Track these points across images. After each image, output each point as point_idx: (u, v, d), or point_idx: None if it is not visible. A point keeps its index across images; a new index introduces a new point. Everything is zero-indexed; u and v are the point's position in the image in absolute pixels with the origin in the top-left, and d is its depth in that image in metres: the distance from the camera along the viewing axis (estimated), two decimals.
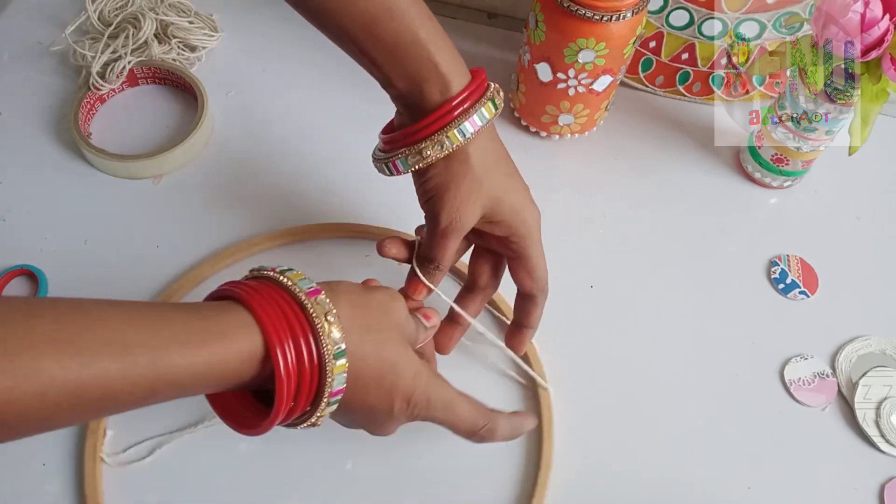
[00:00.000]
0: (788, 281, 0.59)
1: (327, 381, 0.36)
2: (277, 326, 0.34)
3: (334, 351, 0.36)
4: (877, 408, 0.54)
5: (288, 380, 0.34)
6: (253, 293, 0.35)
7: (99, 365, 0.31)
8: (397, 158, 0.44)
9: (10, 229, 0.56)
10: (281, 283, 0.36)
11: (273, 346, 0.34)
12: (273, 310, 0.35)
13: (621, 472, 0.51)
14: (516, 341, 0.50)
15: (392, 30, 0.42)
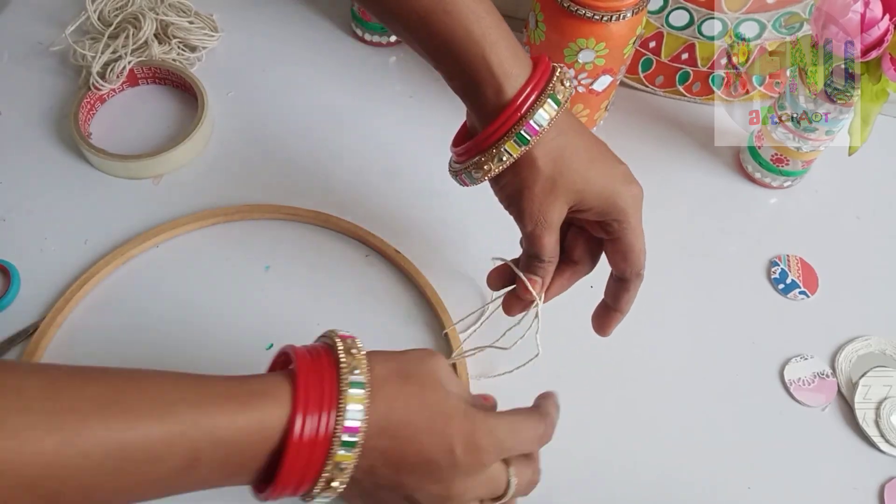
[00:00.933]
0: (788, 281, 0.59)
1: (340, 409, 0.33)
2: (314, 399, 0.33)
3: (351, 380, 0.33)
4: (877, 408, 0.54)
5: (298, 447, 0.32)
6: (308, 361, 0.34)
7: (142, 424, 0.30)
8: (464, 173, 0.44)
9: (11, 229, 0.56)
10: (336, 353, 0.35)
11: (294, 415, 0.33)
12: (316, 380, 0.34)
13: (621, 472, 0.51)
14: (604, 323, 0.48)
15: (445, 25, 0.41)
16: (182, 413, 0.31)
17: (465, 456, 0.36)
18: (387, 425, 0.35)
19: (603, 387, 0.54)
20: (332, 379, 0.34)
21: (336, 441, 0.33)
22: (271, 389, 0.33)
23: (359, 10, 0.66)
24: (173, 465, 0.31)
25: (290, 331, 0.53)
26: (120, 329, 0.52)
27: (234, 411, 0.32)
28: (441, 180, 0.61)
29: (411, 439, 0.35)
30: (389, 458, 0.35)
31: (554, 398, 0.43)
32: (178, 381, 0.33)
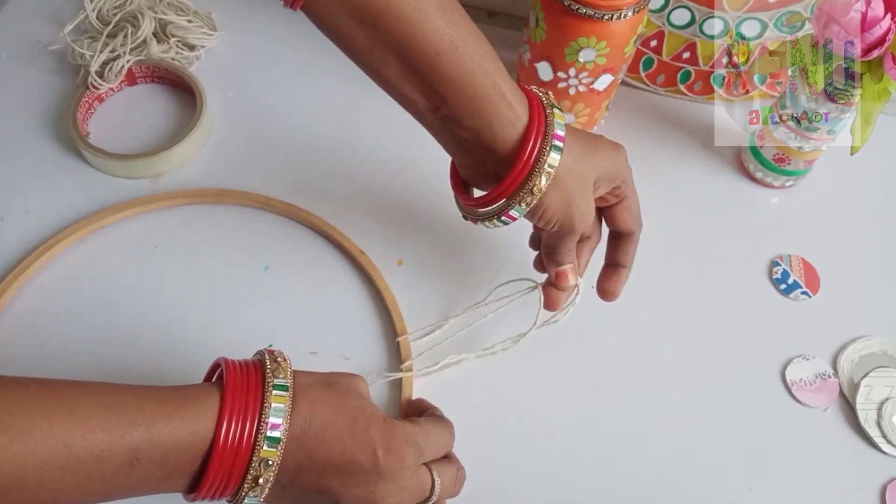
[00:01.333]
0: (790, 281, 0.59)
1: (264, 408, 0.35)
2: (239, 407, 0.35)
3: (275, 383, 0.36)
4: (878, 408, 0.53)
5: (223, 453, 0.34)
6: (236, 374, 0.36)
7: (84, 424, 0.32)
8: (511, 209, 0.44)
9: (9, 228, 0.56)
10: (264, 368, 0.37)
11: (221, 421, 0.34)
12: (242, 392, 0.36)
13: (622, 472, 0.50)
14: (613, 282, 0.51)
15: (458, 63, 0.41)
16: (121, 415, 0.33)
17: (387, 458, 0.38)
18: (310, 427, 0.36)
19: (603, 387, 0.53)
20: (257, 384, 0.36)
21: (261, 437, 0.35)
22: (202, 395, 0.35)
23: None
24: (115, 464, 0.33)
25: (288, 331, 0.53)
26: (120, 329, 0.52)
27: (168, 416, 0.34)
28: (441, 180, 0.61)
29: (334, 441, 0.37)
30: (314, 459, 0.36)
31: (432, 406, 0.48)
32: (116, 388, 0.35)
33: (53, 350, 0.51)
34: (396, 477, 0.38)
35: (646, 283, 0.58)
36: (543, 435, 0.51)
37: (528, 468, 0.50)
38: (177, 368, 0.51)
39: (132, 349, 0.51)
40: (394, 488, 0.38)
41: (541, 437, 0.51)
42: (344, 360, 0.53)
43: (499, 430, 0.51)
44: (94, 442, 0.32)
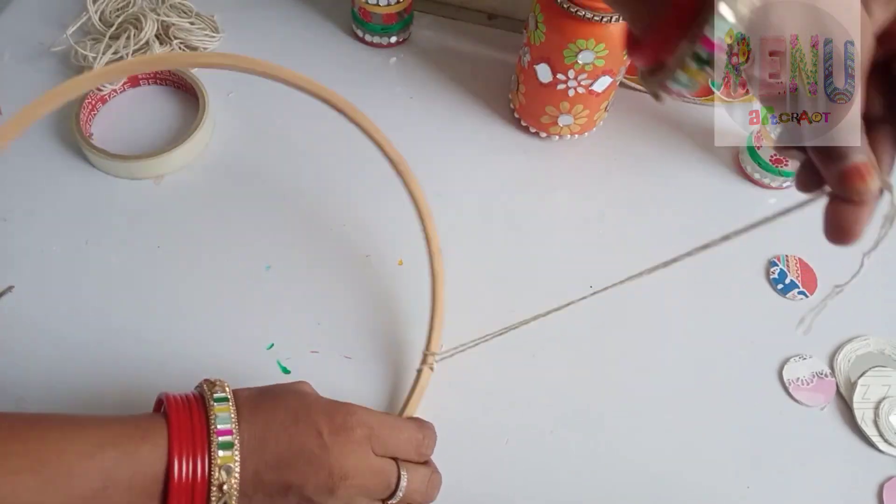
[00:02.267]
0: (787, 281, 0.59)
1: (210, 419, 0.37)
2: (186, 444, 0.36)
3: (215, 397, 0.38)
4: (875, 407, 0.54)
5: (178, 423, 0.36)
6: (179, 410, 0.38)
7: (55, 447, 0.34)
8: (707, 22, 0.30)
9: (12, 229, 0.56)
10: (206, 406, 0.38)
11: (172, 458, 0.36)
12: (186, 427, 0.37)
13: (620, 472, 0.51)
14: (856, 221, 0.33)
15: None
16: (89, 438, 0.35)
17: (332, 437, 0.39)
18: (255, 430, 0.38)
19: (602, 386, 0.54)
20: (199, 405, 0.38)
21: (213, 444, 0.36)
22: (152, 425, 0.37)
23: (359, 10, 0.67)
24: (88, 486, 0.34)
25: (290, 331, 0.54)
26: (119, 329, 0.53)
27: (130, 437, 0.36)
28: (441, 181, 0.62)
29: (281, 435, 0.38)
30: (267, 460, 0.37)
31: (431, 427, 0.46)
32: (78, 417, 0.37)
33: (52, 350, 0.51)
34: (347, 454, 0.39)
35: (644, 283, 0.58)
36: (543, 435, 0.52)
37: (528, 468, 0.50)
38: (177, 369, 0.51)
39: (132, 349, 0.52)
40: (350, 469, 0.39)
41: (541, 437, 0.52)
42: (345, 360, 0.53)
43: (499, 430, 0.51)
44: (67, 459, 0.34)
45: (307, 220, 0.59)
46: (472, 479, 0.50)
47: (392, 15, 0.66)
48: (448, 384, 0.52)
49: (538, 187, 0.63)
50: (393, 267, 0.58)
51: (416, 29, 0.70)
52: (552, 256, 0.59)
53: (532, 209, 0.61)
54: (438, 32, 0.71)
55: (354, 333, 0.54)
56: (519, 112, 0.64)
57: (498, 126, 0.66)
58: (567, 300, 0.57)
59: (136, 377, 0.50)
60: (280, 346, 0.53)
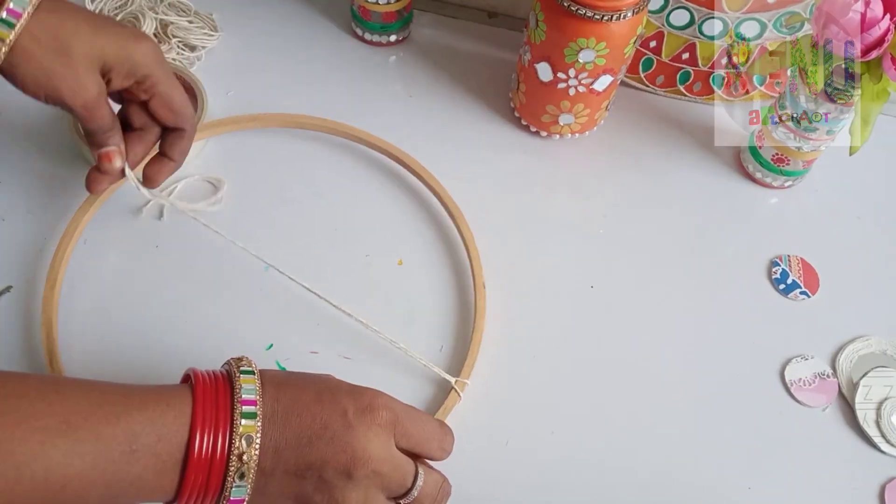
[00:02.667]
0: (789, 281, 0.59)
1: (235, 390, 0.37)
2: (208, 420, 0.36)
3: (241, 368, 0.38)
4: (877, 408, 0.53)
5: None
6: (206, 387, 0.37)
7: (79, 407, 0.34)
8: None
9: (11, 229, 0.56)
10: (232, 381, 0.38)
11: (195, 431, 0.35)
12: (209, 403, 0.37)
13: (621, 472, 0.51)
14: (155, 170, 0.52)
15: None
16: (113, 400, 0.35)
17: (358, 416, 0.38)
18: (279, 405, 0.37)
19: (602, 386, 0.53)
20: (225, 380, 0.38)
21: (237, 412, 0.36)
22: (178, 395, 0.36)
23: (359, 9, 0.66)
24: (116, 449, 0.34)
25: (289, 331, 0.53)
26: (118, 328, 0.52)
27: (155, 402, 0.36)
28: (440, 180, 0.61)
29: (304, 413, 0.37)
30: (288, 437, 0.37)
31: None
32: (101, 382, 0.37)
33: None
34: (371, 438, 0.38)
35: (644, 283, 0.58)
36: (543, 435, 0.51)
37: (528, 468, 0.50)
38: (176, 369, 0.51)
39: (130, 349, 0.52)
40: (372, 454, 0.38)
41: (541, 437, 0.51)
42: (344, 360, 0.53)
43: (499, 430, 0.51)
44: (94, 422, 0.33)
45: (307, 219, 0.59)
46: (473, 479, 0.50)
47: (391, 13, 0.66)
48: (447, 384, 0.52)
49: (538, 186, 0.62)
50: (393, 267, 0.57)
51: (416, 27, 0.70)
52: (553, 256, 0.59)
53: (532, 208, 0.61)
54: (438, 31, 0.71)
55: (354, 334, 0.54)
56: (519, 111, 0.64)
57: (498, 125, 0.65)
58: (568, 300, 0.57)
59: (134, 377, 0.50)
60: (279, 346, 0.53)
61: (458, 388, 0.51)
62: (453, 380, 0.51)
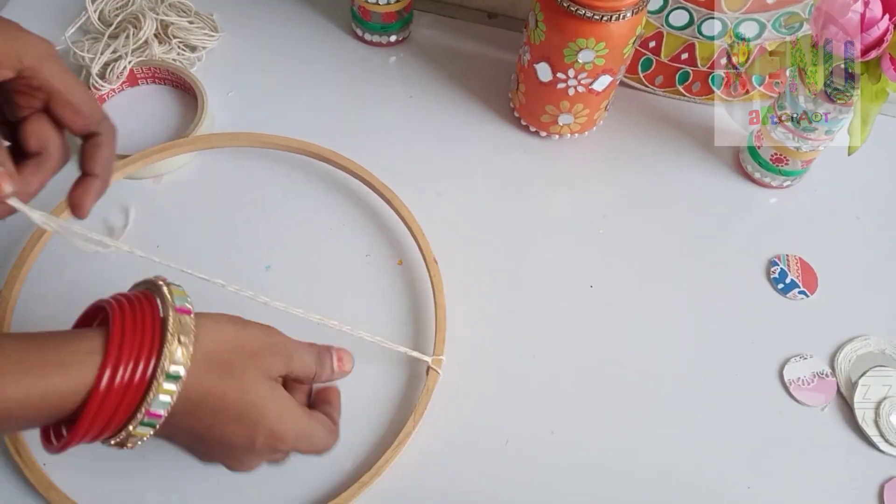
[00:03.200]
0: (788, 281, 0.59)
1: (147, 399, 0.35)
2: (125, 346, 0.34)
3: (168, 370, 0.35)
4: (876, 407, 0.54)
5: (106, 394, 0.34)
6: (124, 309, 0.36)
7: None
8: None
9: (11, 229, 0.56)
10: (161, 293, 0.37)
11: (105, 366, 0.34)
12: (133, 326, 0.35)
13: (621, 472, 0.51)
14: (79, 193, 0.42)
15: None
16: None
17: (262, 448, 0.39)
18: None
19: (602, 386, 0.54)
20: (156, 316, 0.36)
21: (160, 373, 0.35)
22: (74, 361, 0.34)
23: (359, 9, 0.66)
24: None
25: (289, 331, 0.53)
26: None
27: (29, 384, 0.33)
28: (441, 180, 0.62)
29: (218, 425, 0.38)
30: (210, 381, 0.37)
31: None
32: None
33: None
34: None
35: (644, 283, 0.58)
36: (543, 435, 0.52)
37: (528, 468, 0.50)
38: None
39: None
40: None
41: (540, 437, 0.52)
42: None
43: (499, 430, 0.51)
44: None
45: (307, 219, 0.59)
46: (473, 479, 0.50)
47: (392, 14, 0.66)
48: (448, 385, 0.52)
49: (538, 186, 0.63)
50: (393, 267, 0.57)
51: (416, 28, 0.70)
52: (553, 256, 0.59)
53: (532, 209, 0.61)
54: (438, 31, 0.71)
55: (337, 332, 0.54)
56: (519, 111, 0.64)
57: (498, 125, 0.65)
58: (567, 300, 0.57)
59: None
60: None
61: (434, 366, 0.52)
62: (429, 359, 0.52)
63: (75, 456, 0.48)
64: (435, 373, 0.51)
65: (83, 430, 0.34)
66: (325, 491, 0.49)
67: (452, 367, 0.53)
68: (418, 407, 0.50)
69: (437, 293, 0.54)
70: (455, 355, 0.53)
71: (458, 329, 0.54)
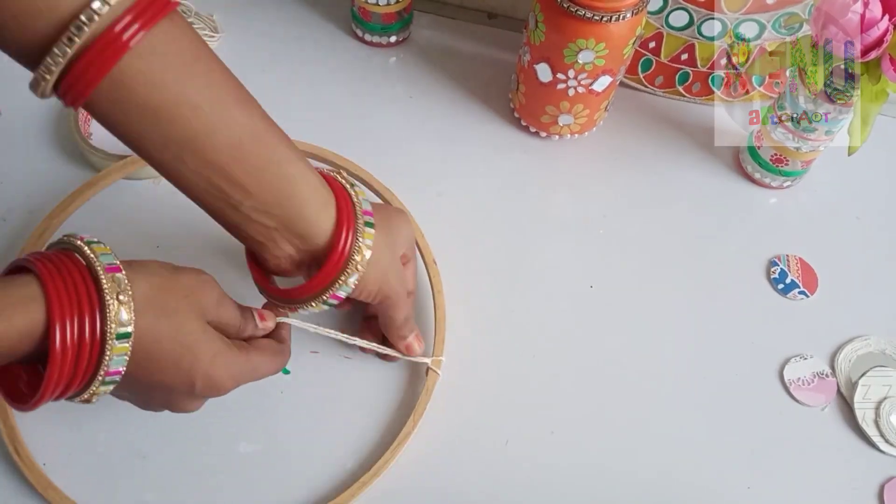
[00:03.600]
0: (788, 281, 0.59)
1: (104, 361, 0.35)
2: (64, 301, 0.34)
3: (117, 332, 0.35)
4: (876, 408, 0.54)
5: (63, 356, 0.34)
6: (49, 265, 0.35)
7: None
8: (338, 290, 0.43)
9: (11, 229, 0.56)
10: (83, 253, 0.36)
11: (54, 323, 0.34)
12: (65, 283, 0.35)
13: (621, 472, 0.51)
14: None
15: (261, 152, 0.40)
16: None
17: (201, 391, 0.40)
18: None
19: (602, 386, 0.54)
20: (86, 277, 0.36)
21: (109, 336, 0.35)
22: (11, 307, 0.34)
23: (359, 10, 0.66)
24: None
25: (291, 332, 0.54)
26: None
27: None
28: (441, 180, 0.62)
29: (155, 372, 0.38)
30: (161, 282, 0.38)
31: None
32: None
33: None
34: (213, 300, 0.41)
35: (644, 283, 0.58)
36: (543, 435, 0.52)
37: (528, 468, 0.50)
38: None
39: None
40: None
41: (540, 437, 0.51)
42: (344, 360, 0.53)
43: (499, 430, 0.51)
44: None
45: None
46: (473, 479, 0.50)
47: (392, 14, 0.66)
48: (448, 385, 0.52)
49: (538, 187, 0.63)
50: None
51: (416, 28, 0.70)
52: (553, 256, 0.59)
53: (532, 209, 0.61)
54: (438, 32, 0.71)
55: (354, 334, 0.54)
56: (519, 111, 0.64)
57: (498, 125, 0.65)
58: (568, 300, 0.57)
59: None
60: None
61: (434, 367, 0.52)
62: (429, 360, 0.52)
63: (75, 455, 0.48)
64: (434, 374, 0.51)
65: (50, 389, 0.35)
66: (324, 491, 0.49)
67: (452, 367, 0.53)
68: (418, 407, 0.50)
69: (436, 293, 0.54)
70: (455, 355, 0.53)
71: (458, 329, 0.54)
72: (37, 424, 0.49)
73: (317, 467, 0.49)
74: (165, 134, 0.37)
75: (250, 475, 0.49)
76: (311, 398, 0.52)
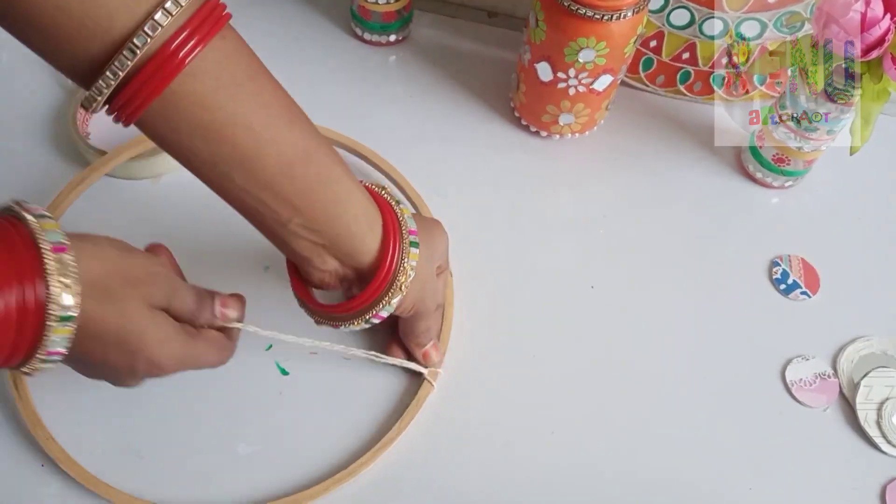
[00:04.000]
0: (790, 281, 0.59)
1: (44, 342, 0.34)
2: (5, 272, 0.33)
3: (60, 315, 0.34)
4: (878, 408, 0.53)
5: (1, 325, 0.33)
6: None
7: None
8: (381, 309, 0.44)
9: None
10: (29, 227, 0.35)
11: None
12: (8, 252, 0.34)
13: (621, 473, 0.50)
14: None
15: (311, 172, 0.40)
16: None
17: (144, 372, 0.40)
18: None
19: (603, 386, 0.53)
20: (32, 254, 0.34)
21: (52, 317, 0.34)
22: None
23: (358, 8, 0.66)
24: None
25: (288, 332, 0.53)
26: None
27: None
28: (441, 180, 0.61)
29: (99, 351, 0.38)
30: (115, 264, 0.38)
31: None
32: None
33: None
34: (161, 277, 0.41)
35: (645, 284, 0.58)
36: (543, 435, 0.51)
37: (528, 468, 0.50)
38: None
39: None
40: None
41: (541, 437, 0.51)
42: (343, 361, 0.53)
43: (499, 430, 0.51)
44: None
45: None
46: (472, 479, 0.50)
47: (391, 13, 0.66)
48: (448, 385, 0.52)
49: (539, 186, 0.62)
50: None
51: (416, 27, 0.70)
52: (552, 255, 0.59)
53: (532, 208, 0.61)
54: (438, 31, 0.71)
55: (353, 335, 0.53)
56: (519, 111, 0.64)
57: (498, 125, 0.65)
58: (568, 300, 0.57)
59: None
60: (279, 347, 0.53)
61: (430, 377, 0.52)
62: (426, 371, 0.51)
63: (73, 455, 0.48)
64: (429, 385, 0.51)
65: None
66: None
67: (452, 367, 0.53)
68: (405, 416, 0.50)
69: (445, 306, 0.54)
70: (455, 355, 0.53)
71: (458, 329, 0.54)
72: (35, 424, 0.49)
73: (317, 467, 0.49)
74: (215, 152, 0.38)
75: (250, 475, 0.49)
76: (310, 399, 0.52)
